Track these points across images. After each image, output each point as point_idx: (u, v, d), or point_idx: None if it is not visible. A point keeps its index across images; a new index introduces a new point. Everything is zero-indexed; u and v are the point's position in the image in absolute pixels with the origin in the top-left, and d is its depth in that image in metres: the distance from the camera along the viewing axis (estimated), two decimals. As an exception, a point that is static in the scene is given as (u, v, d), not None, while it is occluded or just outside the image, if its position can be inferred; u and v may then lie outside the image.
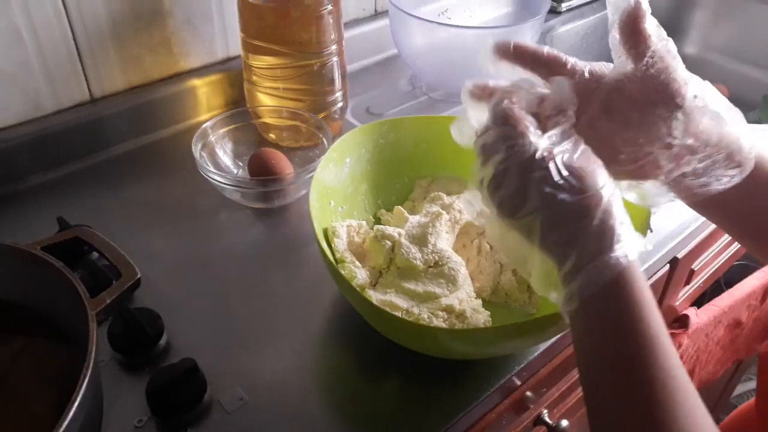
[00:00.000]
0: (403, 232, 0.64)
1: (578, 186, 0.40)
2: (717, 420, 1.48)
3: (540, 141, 0.41)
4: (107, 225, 0.72)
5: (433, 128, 0.72)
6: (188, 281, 0.69)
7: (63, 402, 0.39)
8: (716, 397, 1.46)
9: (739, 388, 1.66)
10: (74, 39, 0.79)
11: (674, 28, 1.35)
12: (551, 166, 0.40)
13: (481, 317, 0.59)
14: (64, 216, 0.71)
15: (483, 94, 0.47)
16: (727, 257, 1.00)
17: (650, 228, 0.57)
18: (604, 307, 0.39)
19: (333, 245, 0.63)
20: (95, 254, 0.58)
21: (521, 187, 0.41)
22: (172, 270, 0.70)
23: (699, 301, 1.03)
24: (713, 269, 0.98)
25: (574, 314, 0.40)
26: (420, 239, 0.63)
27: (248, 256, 0.72)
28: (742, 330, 1.12)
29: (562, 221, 0.40)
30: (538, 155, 0.40)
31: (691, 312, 0.96)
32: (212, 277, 0.70)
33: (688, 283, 0.92)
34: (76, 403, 0.37)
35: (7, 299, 0.53)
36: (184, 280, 0.69)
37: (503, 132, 0.42)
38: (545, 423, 0.77)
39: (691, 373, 1.07)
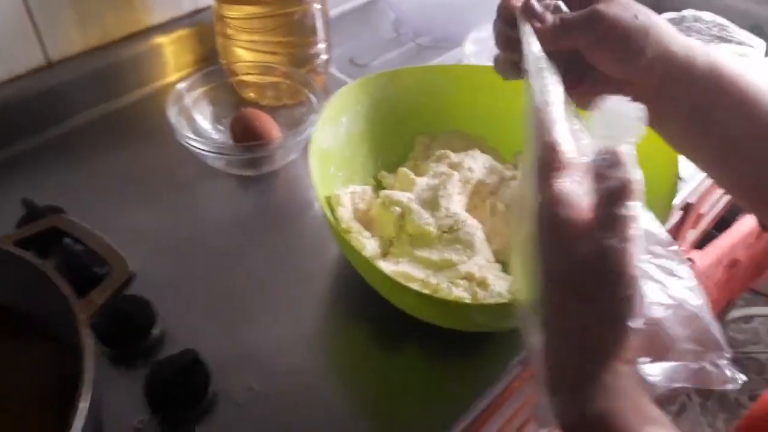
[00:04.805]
0: (412, 196, 0.59)
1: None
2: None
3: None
4: (78, 204, 0.66)
5: (433, 79, 0.66)
6: (176, 261, 0.63)
7: (62, 410, 0.33)
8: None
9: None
10: (22, -4, 0.70)
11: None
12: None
13: (505, 284, 0.54)
14: (29, 197, 0.64)
15: None
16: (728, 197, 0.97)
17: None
18: None
19: (337, 215, 0.58)
20: (68, 239, 0.52)
21: None
22: (158, 249, 0.63)
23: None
24: (716, 210, 0.95)
25: None
26: (431, 203, 0.58)
27: (238, 228, 0.67)
28: (739, 269, 1.11)
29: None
30: None
31: (695, 256, 0.94)
32: (202, 253, 0.64)
33: (694, 226, 0.89)
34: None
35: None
36: (172, 260, 0.63)
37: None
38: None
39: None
